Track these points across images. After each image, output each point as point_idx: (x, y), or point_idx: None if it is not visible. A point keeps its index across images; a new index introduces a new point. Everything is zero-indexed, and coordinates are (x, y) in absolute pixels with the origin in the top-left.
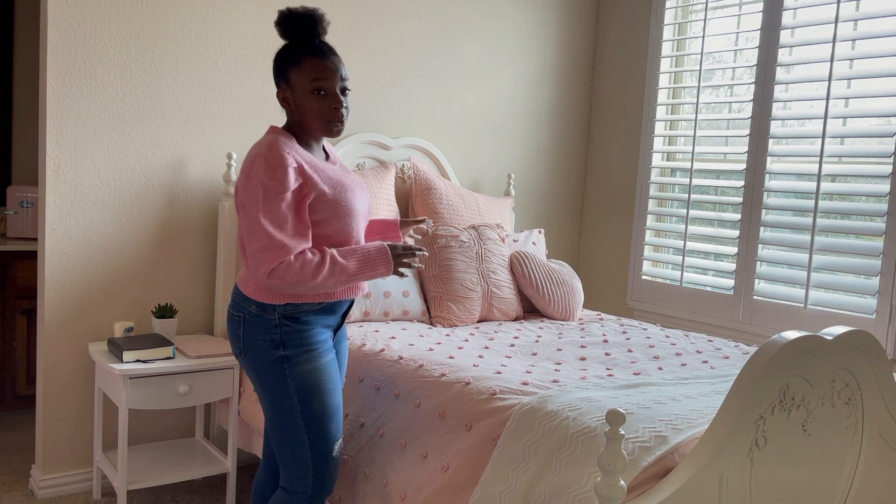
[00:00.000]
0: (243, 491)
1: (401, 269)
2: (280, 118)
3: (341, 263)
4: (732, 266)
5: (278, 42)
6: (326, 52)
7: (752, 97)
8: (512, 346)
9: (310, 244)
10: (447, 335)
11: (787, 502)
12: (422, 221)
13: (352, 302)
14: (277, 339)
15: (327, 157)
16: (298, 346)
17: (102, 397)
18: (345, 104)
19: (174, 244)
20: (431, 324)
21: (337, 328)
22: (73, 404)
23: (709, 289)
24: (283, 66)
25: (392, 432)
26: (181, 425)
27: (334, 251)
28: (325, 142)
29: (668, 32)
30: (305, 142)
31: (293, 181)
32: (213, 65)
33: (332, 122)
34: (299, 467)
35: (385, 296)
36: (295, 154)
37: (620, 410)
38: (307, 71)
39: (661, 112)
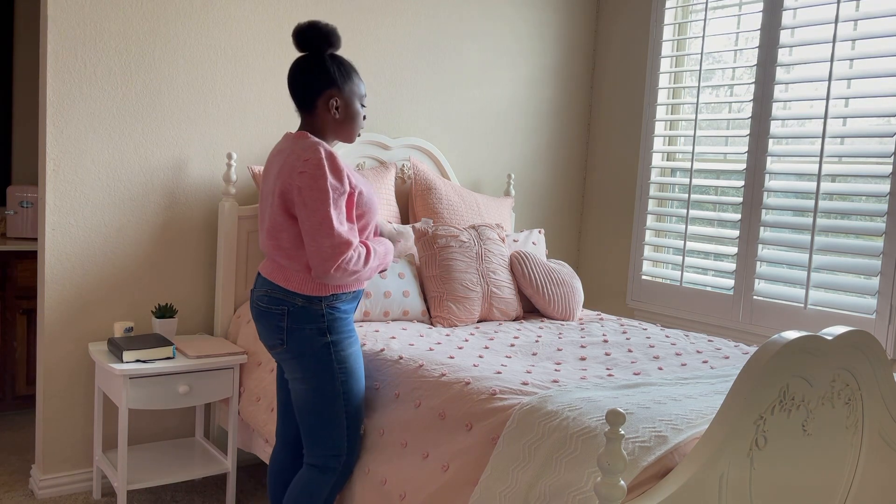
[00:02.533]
0: (243, 491)
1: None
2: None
3: (375, 252)
4: (732, 266)
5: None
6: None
7: (752, 97)
8: (512, 346)
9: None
10: (447, 335)
11: (787, 502)
12: None
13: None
14: (324, 326)
15: None
16: (341, 332)
17: (102, 397)
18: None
19: (174, 244)
20: (431, 324)
21: None
22: (73, 404)
23: (709, 289)
24: (341, 76)
25: (392, 432)
26: (181, 425)
27: (368, 242)
28: None
29: (668, 32)
30: (330, 145)
31: (347, 183)
32: (213, 65)
33: (358, 133)
34: (335, 445)
35: (385, 296)
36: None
37: (620, 410)
38: (358, 86)
39: (661, 112)
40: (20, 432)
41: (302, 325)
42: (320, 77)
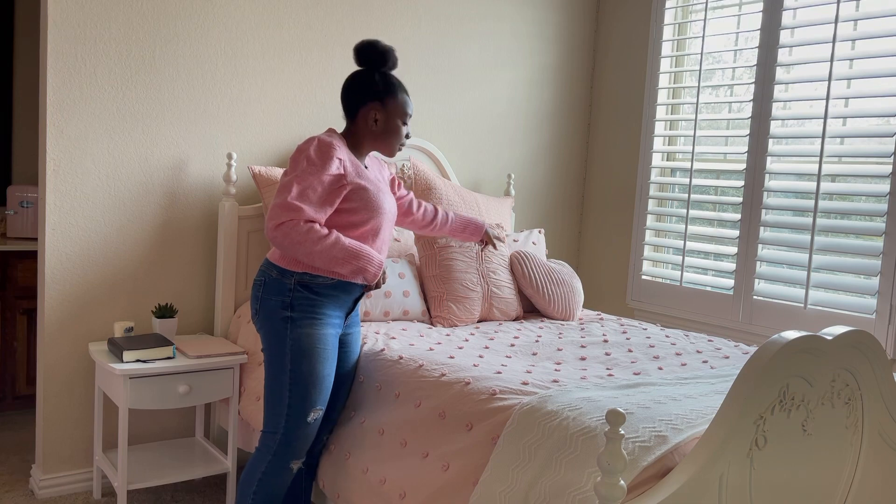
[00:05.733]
0: None
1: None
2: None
3: (341, 244)
4: (732, 266)
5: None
6: (408, 92)
7: (752, 97)
8: (512, 346)
9: (323, 219)
10: (447, 335)
11: (787, 502)
12: (494, 240)
13: (363, 290)
14: (288, 301)
15: (366, 168)
16: (304, 311)
17: (102, 397)
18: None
19: (174, 244)
20: (431, 324)
21: (348, 312)
22: (73, 404)
23: (709, 289)
24: (383, 92)
25: (392, 432)
26: (181, 425)
27: (342, 236)
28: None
29: (668, 32)
30: (359, 151)
31: (334, 168)
32: (213, 65)
33: (399, 148)
34: (273, 424)
35: (385, 296)
36: (344, 151)
37: (620, 410)
38: (403, 105)
39: (661, 112)
40: (20, 432)
41: (270, 296)
42: (365, 91)
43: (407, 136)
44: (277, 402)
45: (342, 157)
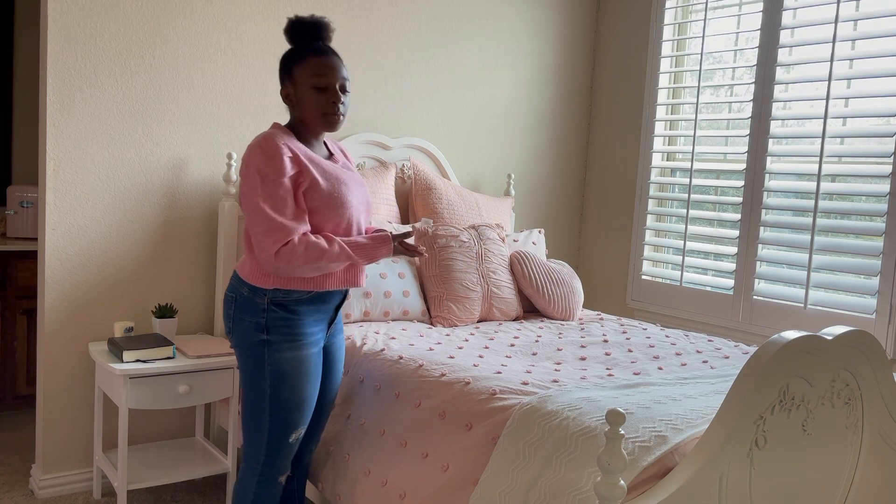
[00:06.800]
0: None
1: (403, 257)
2: (282, 118)
3: (343, 245)
4: (732, 266)
5: (278, 42)
6: (328, 52)
7: (752, 97)
8: (512, 345)
9: (309, 227)
10: (447, 335)
11: (787, 502)
12: (409, 234)
13: (345, 294)
14: (263, 323)
15: (331, 155)
16: (281, 333)
17: (102, 397)
18: (342, 100)
19: (174, 244)
20: (431, 324)
21: (331, 321)
22: (73, 404)
23: (709, 289)
24: (288, 64)
25: (392, 432)
26: (181, 425)
27: (328, 233)
28: (333, 141)
29: (668, 32)
30: (305, 138)
31: (289, 168)
32: (213, 65)
33: (328, 116)
34: (254, 445)
35: (385, 296)
36: (290, 145)
37: (620, 410)
38: (310, 67)
39: (661, 112)
40: (20, 432)
41: (243, 317)
42: (280, 73)
43: (338, 98)
44: (258, 425)
45: (291, 150)
